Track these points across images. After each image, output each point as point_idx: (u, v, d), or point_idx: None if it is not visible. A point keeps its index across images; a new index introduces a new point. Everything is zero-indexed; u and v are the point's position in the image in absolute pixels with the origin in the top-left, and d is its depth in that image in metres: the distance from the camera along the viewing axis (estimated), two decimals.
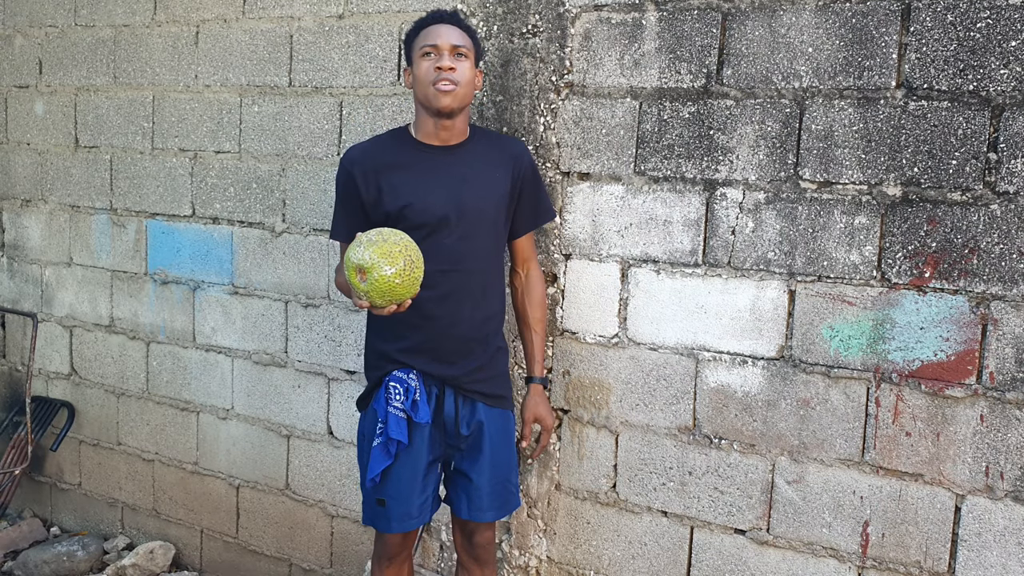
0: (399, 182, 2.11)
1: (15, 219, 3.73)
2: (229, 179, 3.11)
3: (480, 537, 2.25)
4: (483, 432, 2.17)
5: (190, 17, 3.15)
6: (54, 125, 3.56)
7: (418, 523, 2.19)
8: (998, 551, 1.99)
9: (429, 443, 2.16)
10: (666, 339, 2.35)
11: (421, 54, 2.07)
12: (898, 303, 2.06)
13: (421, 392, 2.12)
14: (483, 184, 2.14)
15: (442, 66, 2.03)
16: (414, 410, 2.11)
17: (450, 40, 2.05)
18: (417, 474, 2.15)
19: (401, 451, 2.13)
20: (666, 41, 2.30)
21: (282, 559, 3.12)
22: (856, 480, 2.13)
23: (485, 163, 2.16)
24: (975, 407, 2.00)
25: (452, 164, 2.13)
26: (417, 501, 2.16)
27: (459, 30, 2.09)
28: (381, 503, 2.16)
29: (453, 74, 2.04)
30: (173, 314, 3.30)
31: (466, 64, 2.07)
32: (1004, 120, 1.93)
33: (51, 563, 3.35)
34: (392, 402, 2.12)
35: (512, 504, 2.25)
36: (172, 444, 3.36)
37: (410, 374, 2.13)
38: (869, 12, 2.06)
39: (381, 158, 2.15)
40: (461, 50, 2.06)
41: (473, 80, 2.10)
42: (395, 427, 2.10)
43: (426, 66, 2.06)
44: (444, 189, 2.10)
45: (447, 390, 2.16)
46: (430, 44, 2.06)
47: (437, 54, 2.05)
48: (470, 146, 2.17)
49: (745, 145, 2.21)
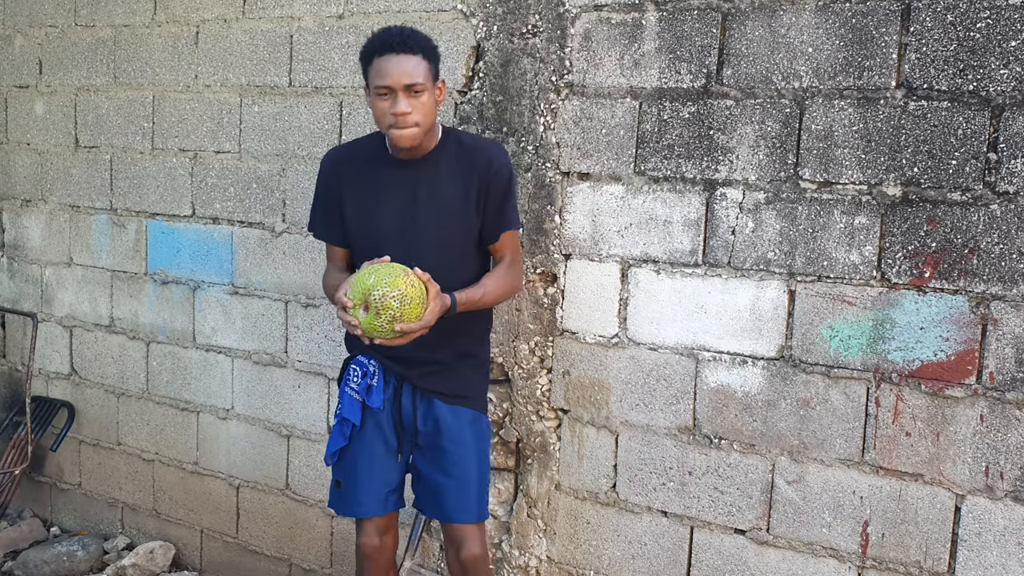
0: (359, 193, 2.18)
1: (15, 219, 3.73)
2: (229, 179, 3.11)
3: (467, 553, 2.20)
4: (440, 429, 2.17)
5: (190, 17, 3.15)
6: (54, 125, 3.56)
7: (371, 511, 2.22)
8: (998, 551, 1.99)
9: (385, 432, 2.19)
10: (666, 339, 2.35)
11: (376, 92, 2.02)
12: (898, 303, 2.06)
13: (379, 379, 2.18)
14: (438, 200, 2.12)
15: (397, 112, 1.99)
16: (368, 394, 2.17)
17: (403, 79, 1.98)
18: (371, 460, 2.20)
19: (355, 434, 2.20)
20: (666, 41, 2.30)
21: (282, 559, 3.12)
22: (856, 480, 2.13)
23: (446, 176, 2.13)
24: (975, 407, 2.00)
25: (411, 179, 2.13)
26: (371, 487, 2.21)
27: (411, 58, 2.00)
28: (338, 484, 2.25)
29: (408, 117, 2.00)
30: (173, 314, 3.30)
31: (423, 98, 2.02)
32: (1004, 120, 1.93)
33: (51, 563, 3.35)
34: (349, 382, 2.20)
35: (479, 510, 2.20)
36: (172, 444, 3.36)
37: (371, 360, 2.20)
38: (869, 12, 2.06)
39: (352, 164, 2.20)
40: (416, 87, 2.00)
41: (433, 106, 2.06)
42: (348, 407, 2.18)
43: (382, 107, 2.01)
44: (396, 204, 2.13)
45: (404, 384, 2.20)
46: (383, 85, 1.99)
47: (391, 96, 1.99)
48: (436, 158, 2.13)
49: (745, 145, 2.21)
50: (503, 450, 2.61)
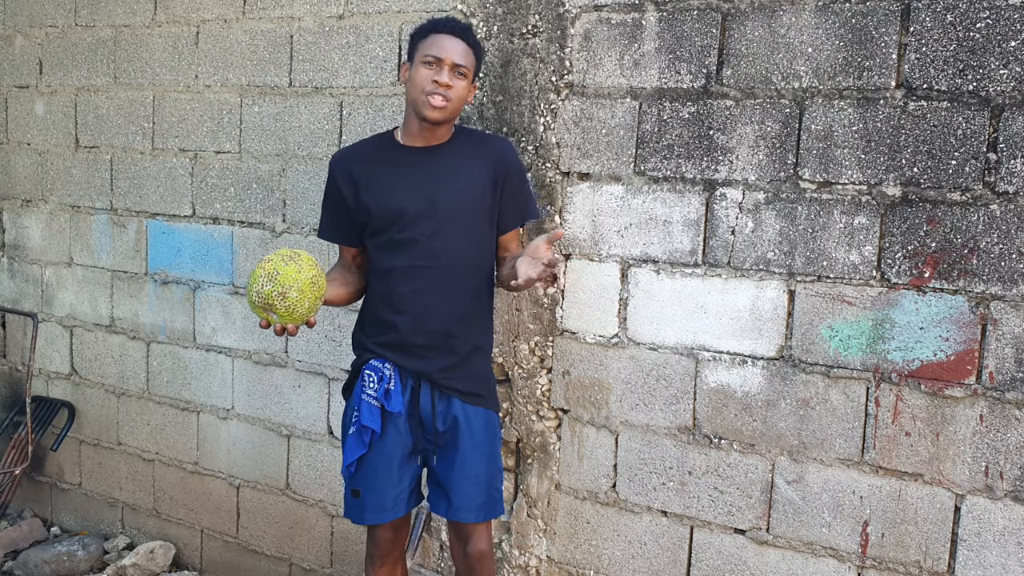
0: (375, 181, 2.17)
1: (15, 219, 3.73)
2: (229, 179, 3.11)
3: (473, 548, 2.21)
4: (459, 428, 2.17)
5: (190, 17, 3.15)
6: (54, 125, 3.56)
7: (392, 515, 2.21)
8: (998, 551, 1.99)
9: (404, 435, 2.18)
10: (666, 339, 2.35)
11: (423, 60, 2.09)
12: (898, 303, 2.06)
13: (396, 382, 2.16)
14: (458, 183, 2.15)
15: (440, 80, 2.06)
16: (387, 399, 2.14)
17: (453, 56, 2.08)
18: (391, 465, 2.18)
19: (375, 441, 2.17)
20: (666, 41, 2.30)
21: (282, 559, 3.13)
22: (856, 480, 2.14)
23: (464, 163, 2.18)
24: (975, 407, 2.00)
25: (428, 164, 2.16)
26: (391, 493, 2.19)
27: (466, 46, 2.11)
28: (356, 493, 2.21)
29: (448, 91, 2.08)
30: (173, 314, 3.30)
31: (463, 83, 2.11)
32: (1004, 120, 1.93)
33: (51, 563, 3.35)
34: (366, 390, 2.16)
35: (494, 509, 2.22)
36: (172, 444, 3.37)
37: (385, 364, 2.17)
38: (869, 12, 2.06)
39: (361, 159, 2.22)
40: (462, 69, 2.09)
41: (466, 97, 2.15)
42: (368, 415, 2.15)
43: (424, 74, 2.08)
44: (417, 187, 2.14)
45: (423, 384, 2.18)
46: (434, 55, 2.08)
47: (438, 67, 2.07)
48: (451, 146, 2.19)
49: (745, 145, 2.22)
50: (503, 450, 2.61)
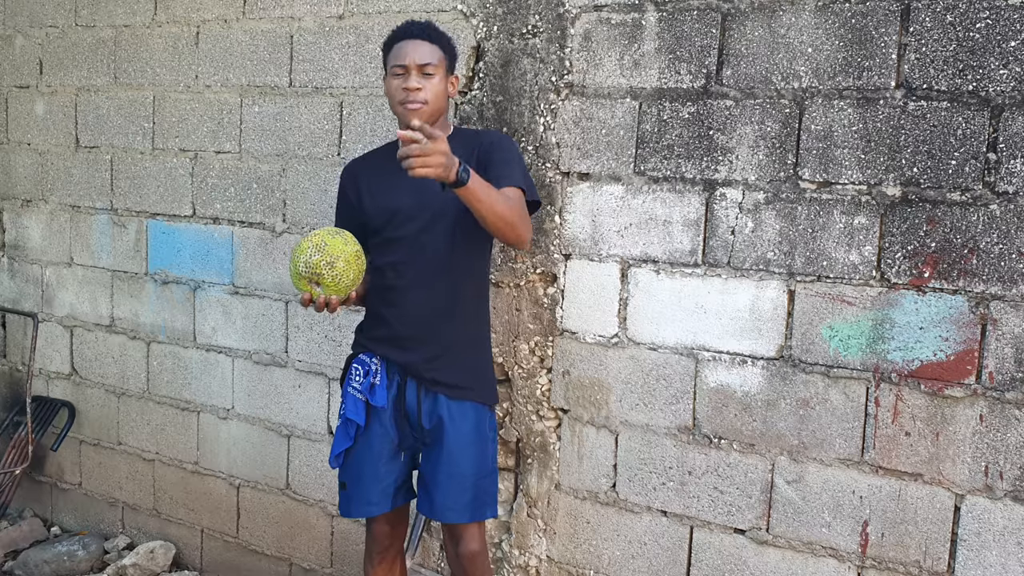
0: (375, 184, 2.26)
1: (16, 219, 3.73)
2: (229, 179, 3.12)
3: (464, 548, 2.21)
4: (444, 427, 2.17)
5: (190, 17, 3.15)
6: (55, 125, 3.56)
7: (378, 510, 2.24)
8: (997, 551, 1.99)
9: (389, 430, 2.20)
10: (666, 339, 2.35)
11: (391, 72, 2.16)
12: (897, 303, 2.07)
13: (382, 376, 2.20)
14: None
15: (409, 87, 2.11)
16: (371, 393, 2.18)
17: (416, 59, 2.11)
18: (376, 460, 2.20)
19: (360, 434, 2.21)
20: (666, 41, 2.30)
21: (282, 559, 3.13)
22: (856, 480, 2.14)
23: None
24: (974, 407, 2.00)
25: None
26: (377, 487, 2.21)
27: (428, 44, 2.14)
28: (343, 486, 2.25)
29: (419, 94, 2.11)
30: (173, 314, 3.30)
31: (434, 80, 2.14)
32: (1004, 120, 1.93)
33: (51, 563, 3.35)
34: (352, 383, 2.21)
35: (483, 509, 2.20)
36: (173, 444, 3.37)
37: (372, 358, 2.22)
38: (869, 12, 2.06)
39: (367, 166, 2.31)
40: (428, 68, 2.12)
41: (444, 91, 2.17)
42: (352, 408, 2.19)
43: (395, 85, 2.14)
44: (410, 187, 2.14)
45: (409, 380, 2.19)
46: (399, 63, 2.13)
47: (405, 73, 2.12)
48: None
49: (745, 145, 2.22)
50: (503, 450, 2.61)
